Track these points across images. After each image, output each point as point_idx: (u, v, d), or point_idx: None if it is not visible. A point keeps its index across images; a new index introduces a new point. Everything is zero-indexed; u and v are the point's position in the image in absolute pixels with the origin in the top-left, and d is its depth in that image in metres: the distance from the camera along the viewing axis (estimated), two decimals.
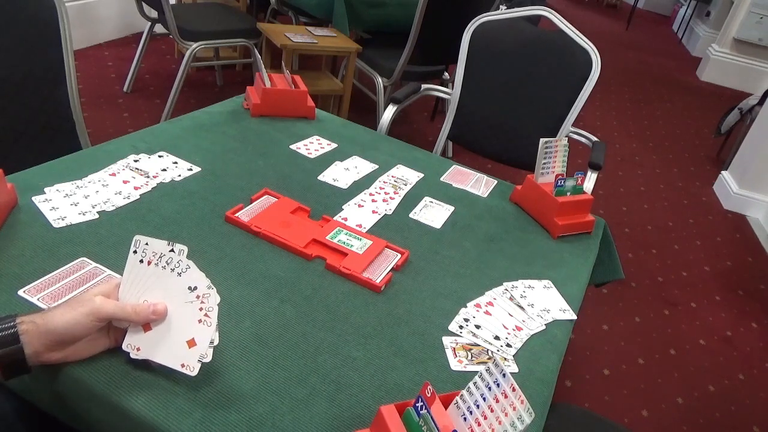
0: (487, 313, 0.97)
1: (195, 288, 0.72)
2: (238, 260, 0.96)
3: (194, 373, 0.70)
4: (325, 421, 0.72)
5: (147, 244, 0.72)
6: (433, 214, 1.24)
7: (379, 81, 2.76)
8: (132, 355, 0.71)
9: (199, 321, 0.71)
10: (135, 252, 0.72)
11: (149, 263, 0.72)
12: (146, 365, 0.72)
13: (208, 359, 0.71)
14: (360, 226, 1.13)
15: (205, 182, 1.16)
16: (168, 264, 0.72)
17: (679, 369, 2.02)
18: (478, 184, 1.41)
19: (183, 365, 0.70)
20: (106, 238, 0.93)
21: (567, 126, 1.83)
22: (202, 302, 0.71)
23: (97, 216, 0.98)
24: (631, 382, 1.91)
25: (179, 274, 0.72)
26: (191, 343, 0.71)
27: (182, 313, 0.72)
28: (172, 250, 0.72)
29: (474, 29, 1.89)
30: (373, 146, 1.48)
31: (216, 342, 0.72)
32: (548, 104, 1.86)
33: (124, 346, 0.72)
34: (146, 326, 0.72)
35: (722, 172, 3.52)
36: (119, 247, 0.92)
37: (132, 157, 1.18)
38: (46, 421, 0.80)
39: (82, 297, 0.69)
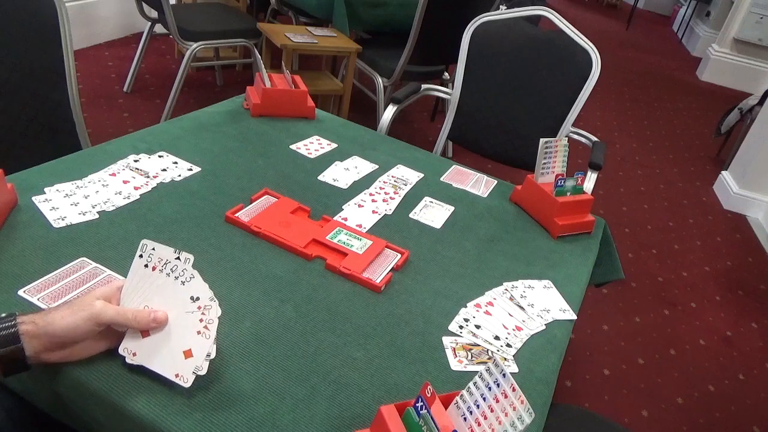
0: (487, 313, 0.97)
1: (197, 298, 0.71)
2: (238, 260, 0.96)
3: (188, 384, 0.69)
4: (325, 421, 0.72)
5: (153, 249, 0.71)
6: (433, 214, 1.24)
7: (379, 81, 2.76)
8: (128, 360, 0.71)
9: (198, 332, 0.70)
10: (141, 256, 0.71)
11: (154, 269, 0.71)
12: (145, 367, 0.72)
13: (203, 372, 0.69)
14: (360, 226, 1.13)
15: (205, 182, 1.15)
16: (173, 271, 0.71)
17: (679, 369, 2.02)
18: (478, 184, 1.41)
19: (177, 375, 0.69)
20: (106, 238, 0.93)
21: (567, 126, 1.83)
22: (203, 313, 0.70)
23: (97, 216, 0.98)
24: (631, 382, 1.91)
25: (183, 283, 0.71)
26: (188, 353, 0.70)
27: (182, 322, 0.71)
28: (178, 258, 0.71)
29: (474, 29, 1.89)
30: (373, 146, 1.48)
31: (213, 355, 0.71)
32: (548, 104, 1.86)
33: (120, 350, 0.71)
34: (144, 332, 0.71)
35: (722, 172, 3.52)
36: (119, 247, 0.92)
37: (132, 157, 1.18)
38: (43, 424, 0.80)
39: (83, 300, 0.69)
